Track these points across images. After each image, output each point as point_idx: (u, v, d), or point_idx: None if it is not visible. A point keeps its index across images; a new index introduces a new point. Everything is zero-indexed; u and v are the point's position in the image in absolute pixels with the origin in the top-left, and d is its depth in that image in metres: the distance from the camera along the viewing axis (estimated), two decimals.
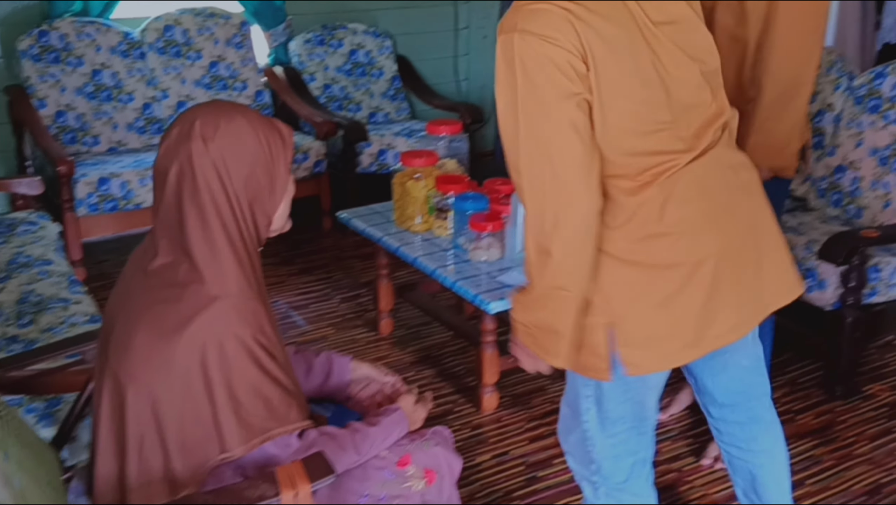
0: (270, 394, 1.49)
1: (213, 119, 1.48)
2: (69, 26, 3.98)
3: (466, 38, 5.12)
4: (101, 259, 3.89)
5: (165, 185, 1.49)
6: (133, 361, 1.47)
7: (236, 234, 1.48)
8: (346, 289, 3.74)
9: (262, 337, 1.48)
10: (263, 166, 1.50)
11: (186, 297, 1.45)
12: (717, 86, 1.65)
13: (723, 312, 1.62)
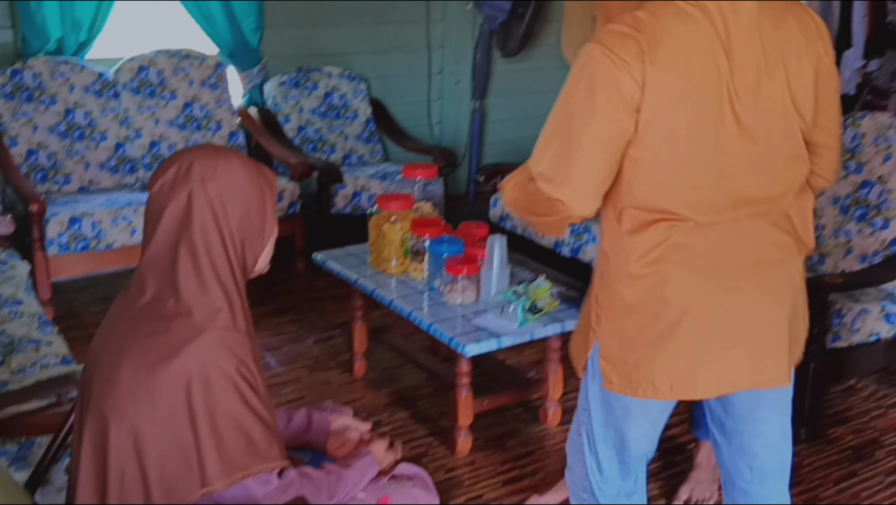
0: (252, 429, 1.50)
1: (211, 161, 1.52)
2: (43, 65, 3.98)
3: (440, 83, 5.21)
4: (71, 298, 3.85)
5: (159, 224, 1.51)
6: (118, 394, 1.47)
7: (226, 272, 1.51)
8: (320, 330, 3.74)
9: (246, 371, 1.49)
10: (256, 208, 1.55)
11: (173, 329, 1.46)
12: (782, 172, 1.67)
13: (703, 368, 1.69)
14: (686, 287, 1.66)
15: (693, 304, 1.66)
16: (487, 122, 5.36)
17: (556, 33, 5.51)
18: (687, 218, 1.62)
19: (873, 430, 3.10)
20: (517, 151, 5.44)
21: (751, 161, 1.63)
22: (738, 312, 1.68)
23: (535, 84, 5.53)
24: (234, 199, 1.51)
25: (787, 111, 1.64)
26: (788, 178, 1.69)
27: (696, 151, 1.61)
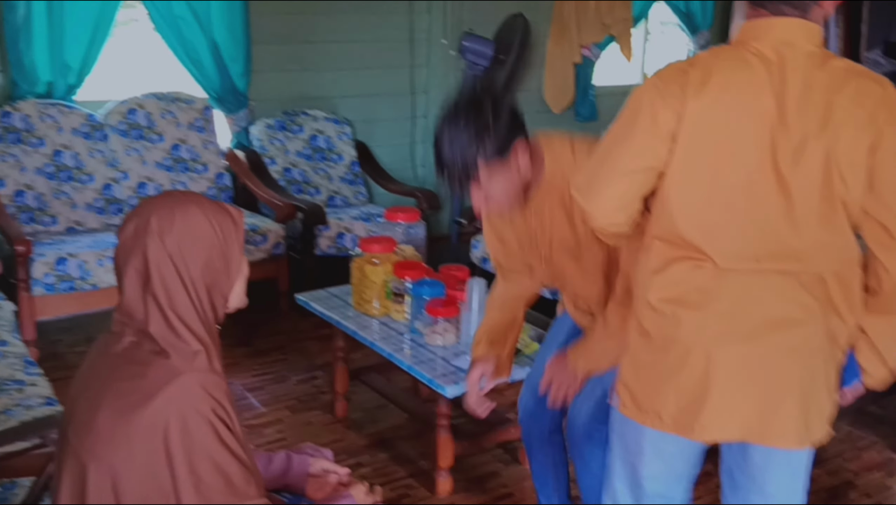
0: (230, 469, 1.53)
1: (168, 213, 1.55)
2: (32, 108, 4.04)
3: (424, 126, 5.30)
4: (55, 338, 3.87)
5: (125, 277, 1.55)
6: (95, 438, 1.50)
7: (195, 319, 1.55)
8: (302, 371, 3.77)
9: (223, 412, 1.53)
10: (219, 251, 1.57)
11: (150, 373, 1.50)
12: (816, 235, 1.61)
13: (707, 409, 1.69)
14: (699, 330, 1.67)
15: (704, 346, 1.67)
16: None
17: (537, 78, 5.65)
18: (709, 258, 1.64)
19: (847, 471, 3.14)
20: None
21: (782, 215, 1.60)
22: (748, 363, 1.66)
23: None
24: (194, 249, 1.54)
25: (830, 177, 1.58)
26: (823, 242, 1.62)
27: (726, 191, 1.62)
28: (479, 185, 1.92)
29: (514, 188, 1.98)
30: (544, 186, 2.02)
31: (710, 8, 6.19)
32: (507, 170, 1.93)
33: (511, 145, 1.91)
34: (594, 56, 5.72)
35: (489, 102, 1.91)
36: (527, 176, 1.98)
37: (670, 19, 6.46)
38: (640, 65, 6.26)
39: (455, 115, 1.91)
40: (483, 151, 1.89)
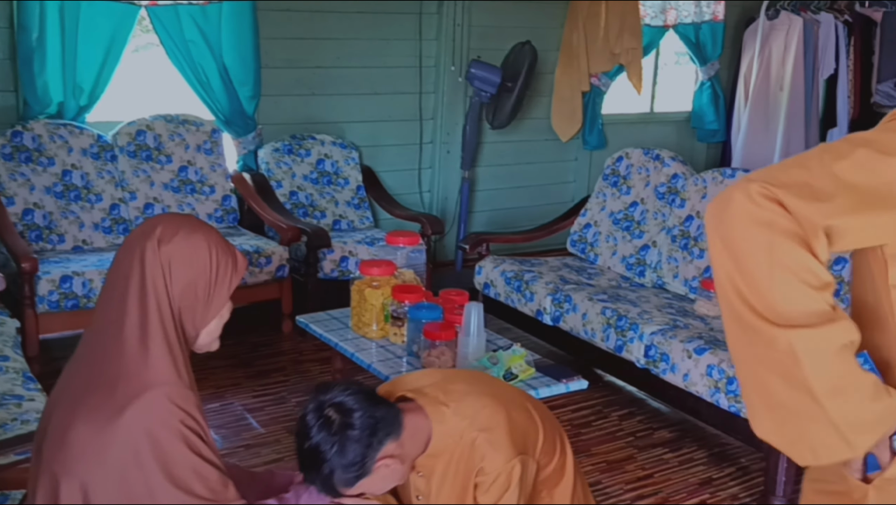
0: (208, 474, 1.57)
1: (174, 227, 1.62)
2: (43, 128, 4.10)
3: (431, 152, 5.34)
4: (58, 356, 3.89)
5: (117, 277, 1.60)
6: (67, 453, 1.52)
7: (172, 330, 1.59)
8: (302, 392, 3.77)
9: (192, 422, 1.56)
10: (206, 281, 1.63)
11: (120, 388, 1.53)
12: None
13: None
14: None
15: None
16: (476, 190, 5.48)
17: (545, 106, 5.69)
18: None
19: None
20: (504, 220, 5.58)
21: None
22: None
23: (523, 155, 5.69)
24: (182, 266, 1.59)
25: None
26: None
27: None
28: (353, 499, 1.80)
29: (394, 477, 1.82)
30: (431, 455, 1.88)
31: (719, 38, 6.23)
32: (380, 475, 1.78)
33: (376, 457, 1.75)
34: (603, 85, 5.76)
35: (348, 414, 1.73)
36: (406, 451, 1.83)
37: (681, 49, 6.51)
38: (650, 95, 6.29)
39: (314, 429, 1.73)
40: (346, 478, 1.73)
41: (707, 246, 1.42)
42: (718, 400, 3.12)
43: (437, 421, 1.87)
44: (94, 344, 1.59)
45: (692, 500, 3.10)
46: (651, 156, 4.30)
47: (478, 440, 1.86)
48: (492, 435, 1.87)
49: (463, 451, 1.87)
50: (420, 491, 1.95)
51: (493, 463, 1.85)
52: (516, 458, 1.87)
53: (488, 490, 1.86)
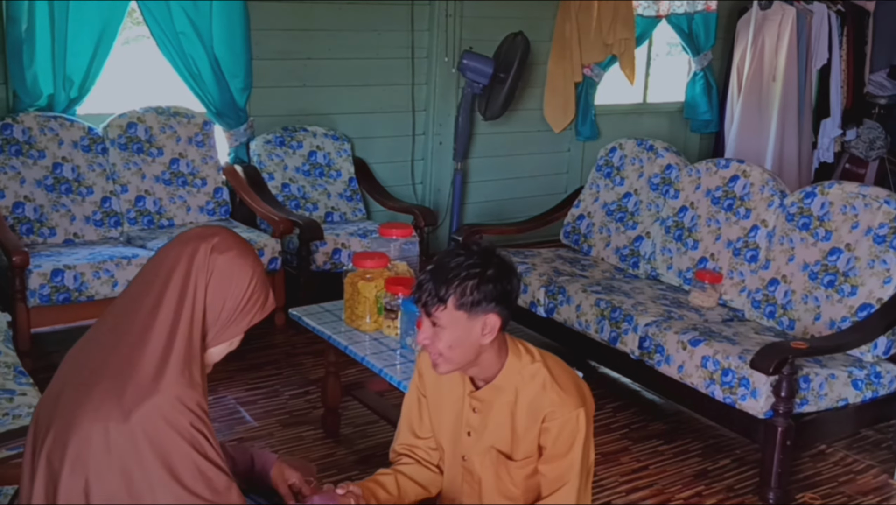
0: (213, 475, 1.56)
1: (230, 243, 1.65)
2: (33, 120, 4.07)
3: (423, 143, 5.32)
4: (50, 350, 3.86)
5: (162, 265, 1.60)
6: (71, 451, 1.50)
7: (197, 333, 1.59)
8: (296, 386, 3.76)
9: (200, 424, 1.56)
10: (233, 305, 1.64)
11: (132, 385, 1.51)
12: None
13: None
14: None
15: None
16: (469, 182, 5.46)
17: (538, 97, 5.67)
18: None
19: (841, 495, 3.12)
20: (497, 212, 5.57)
21: None
22: None
23: (515, 147, 5.67)
24: (222, 283, 1.61)
25: None
26: None
27: None
28: (436, 321, 1.85)
29: (465, 350, 1.87)
30: (495, 387, 1.94)
31: (712, 29, 6.22)
32: (469, 329, 1.84)
33: (484, 310, 1.84)
34: (596, 76, 5.74)
35: (497, 262, 1.87)
36: (483, 353, 1.90)
37: (674, 40, 6.49)
38: (643, 86, 6.28)
39: (465, 251, 1.88)
40: (459, 292, 1.82)
41: (701, 238, 1.40)
42: (713, 392, 3.12)
43: (515, 354, 1.93)
44: (118, 325, 1.58)
45: (687, 491, 3.10)
46: (645, 146, 4.29)
47: (548, 383, 1.90)
48: (563, 382, 1.91)
49: (531, 391, 1.90)
50: (473, 427, 1.97)
51: (562, 408, 1.88)
52: (582, 407, 1.90)
53: (559, 435, 1.87)
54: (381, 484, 2.03)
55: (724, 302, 3.71)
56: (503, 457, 1.94)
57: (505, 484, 1.96)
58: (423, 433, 2.09)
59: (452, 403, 2.02)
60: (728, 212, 3.81)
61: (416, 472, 2.07)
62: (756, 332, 3.41)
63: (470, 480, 2.00)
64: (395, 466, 2.10)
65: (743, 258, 3.69)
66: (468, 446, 1.99)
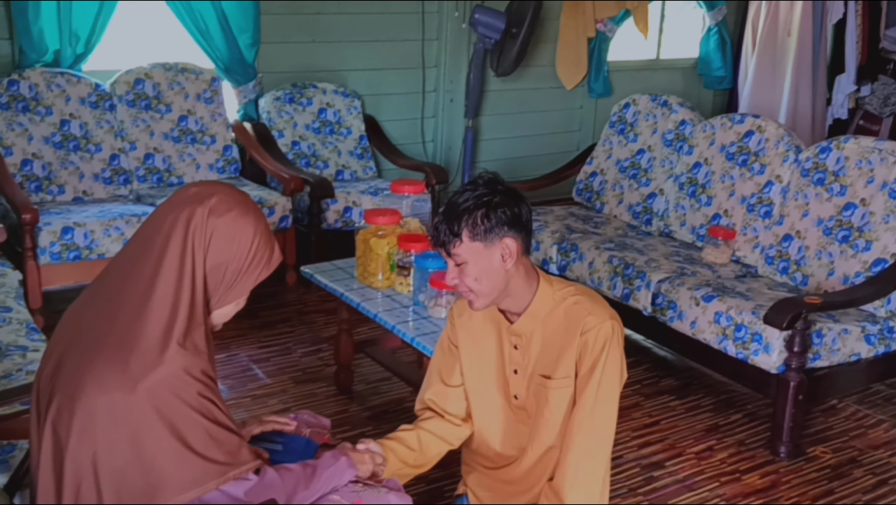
0: (223, 438, 1.56)
1: (229, 203, 1.59)
2: (39, 76, 4.03)
3: (434, 100, 5.26)
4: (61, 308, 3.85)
5: (158, 231, 1.56)
6: (78, 416, 1.49)
7: (200, 299, 1.56)
8: (308, 343, 3.77)
9: (207, 391, 1.55)
10: (237, 266, 1.59)
11: (136, 354, 1.49)
12: None
13: None
14: None
15: None
16: (480, 140, 5.41)
17: (550, 54, 5.59)
18: None
19: (852, 449, 3.12)
20: (509, 169, 5.53)
21: None
22: None
23: (528, 104, 5.61)
24: (222, 245, 1.56)
25: None
26: None
27: None
28: (456, 257, 1.87)
29: (492, 280, 1.88)
30: (532, 315, 1.94)
31: None
32: (489, 257, 1.86)
33: (498, 236, 1.85)
34: (609, 31, 5.65)
35: (502, 190, 1.88)
36: (512, 281, 1.90)
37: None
38: (657, 41, 6.18)
39: (471, 185, 1.90)
40: (471, 223, 1.84)
41: (715, 194, 1.38)
42: (726, 347, 3.11)
43: (546, 281, 1.96)
44: (117, 292, 1.55)
45: (698, 446, 3.10)
46: (658, 102, 4.23)
47: (581, 300, 1.94)
48: (595, 298, 1.97)
49: (565, 311, 1.92)
50: (517, 364, 1.99)
51: (597, 316, 1.91)
52: (615, 320, 1.93)
53: (595, 341, 1.89)
54: (401, 440, 2.04)
55: (737, 258, 3.69)
56: (545, 379, 1.95)
57: (553, 410, 1.95)
58: (452, 382, 2.10)
59: (491, 347, 2.02)
60: (742, 167, 3.77)
61: (437, 426, 2.08)
62: (769, 288, 3.39)
63: (525, 417, 2.01)
64: (417, 422, 2.11)
65: (757, 214, 3.66)
66: (518, 385, 2.00)
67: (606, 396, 1.91)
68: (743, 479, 2.91)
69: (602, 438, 1.92)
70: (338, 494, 1.74)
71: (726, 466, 2.99)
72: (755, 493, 2.83)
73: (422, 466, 2.06)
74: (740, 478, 2.91)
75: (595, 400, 1.90)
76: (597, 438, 1.91)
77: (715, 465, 2.99)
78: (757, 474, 2.94)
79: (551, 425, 1.96)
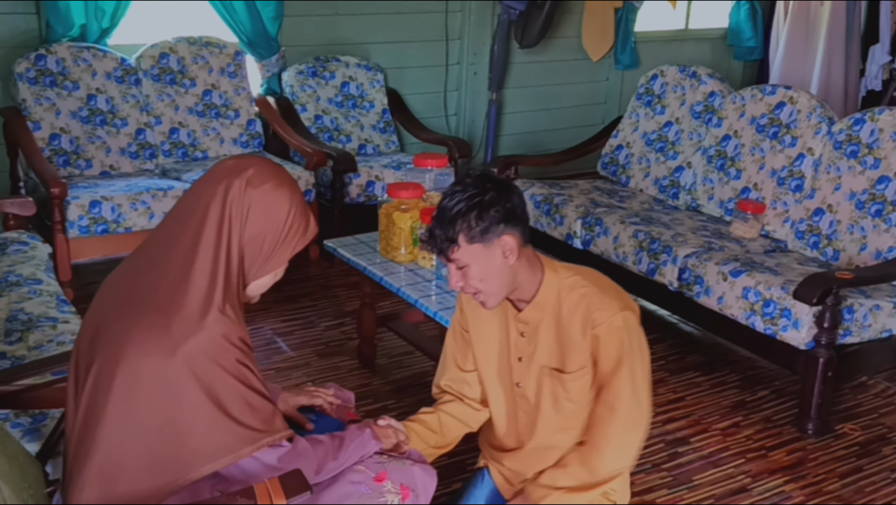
0: (259, 405, 1.58)
1: (265, 175, 1.61)
2: (66, 51, 4.05)
3: (457, 73, 5.22)
4: (90, 281, 3.91)
5: (198, 202, 1.58)
6: (118, 383, 1.51)
7: (235, 270, 1.59)
8: (331, 317, 3.78)
9: (245, 359, 1.57)
10: (274, 238, 1.62)
11: (177, 321, 1.52)
12: None
13: None
14: None
15: None
16: (504, 113, 5.37)
17: (576, 25, 5.52)
18: None
19: (882, 426, 3.08)
20: (533, 143, 5.48)
21: None
22: None
23: (552, 76, 5.55)
24: (259, 216, 1.59)
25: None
26: None
27: None
28: (457, 262, 1.84)
29: (498, 278, 1.86)
30: (538, 305, 1.93)
31: None
32: (490, 257, 1.84)
33: (496, 234, 1.82)
34: (636, 1, 5.56)
35: (491, 186, 1.84)
36: (517, 274, 1.88)
37: None
38: (686, 11, 6.07)
39: (460, 186, 1.86)
40: (465, 227, 1.80)
41: (744, 167, 1.38)
42: (754, 323, 3.07)
43: (551, 269, 1.93)
44: (158, 262, 1.57)
45: (724, 422, 3.08)
46: (687, 73, 4.17)
47: (589, 291, 1.91)
48: (604, 287, 1.93)
49: (573, 301, 1.91)
50: (522, 352, 1.99)
51: (606, 311, 1.88)
52: (627, 310, 1.91)
53: (608, 340, 1.87)
54: (423, 422, 2.06)
55: (766, 233, 3.64)
56: (556, 372, 1.94)
57: (561, 401, 1.97)
58: (467, 366, 2.10)
59: (497, 333, 2.02)
60: (773, 140, 3.70)
61: (457, 409, 2.09)
62: (799, 262, 3.34)
63: (526, 406, 2.02)
64: (437, 405, 2.12)
65: (787, 188, 3.60)
66: (521, 372, 2.00)
67: (641, 382, 1.91)
68: (769, 455, 2.89)
69: (639, 418, 1.92)
70: (363, 464, 1.75)
71: (752, 442, 2.97)
72: (782, 470, 2.81)
73: (443, 447, 2.08)
74: (766, 455, 2.89)
75: (633, 387, 1.89)
76: (634, 418, 1.91)
77: (741, 441, 2.97)
78: (784, 451, 2.91)
79: (561, 418, 1.96)
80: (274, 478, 1.55)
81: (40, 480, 1.75)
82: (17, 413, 2.11)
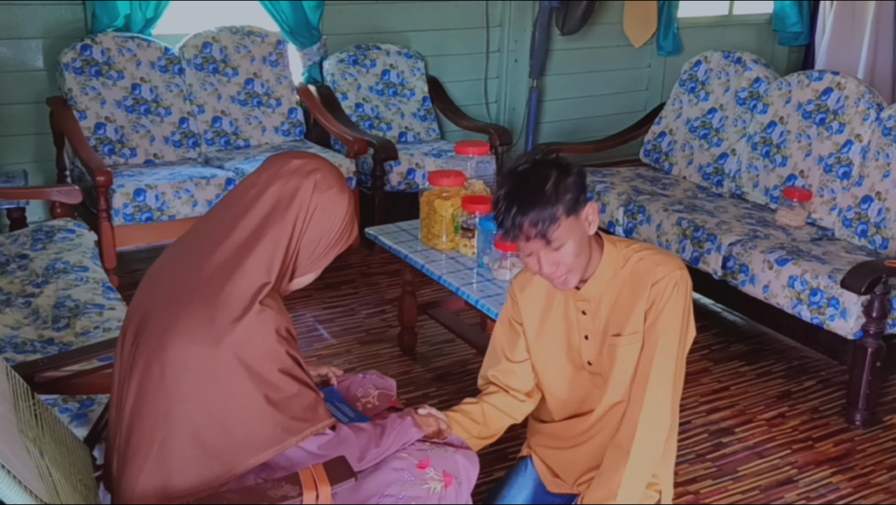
0: (304, 395, 1.60)
1: (330, 180, 1.65)
2: (111, 41, 4.10)
3: (497, 61, 5.19)
4: (135, 268, 3.98)
5: (259, 198, 1.60)
6: (168, 369, 1.53)
7: (290, 265, 1.62)
8: (372, 304, 3.80)
9: (293, 351, 1.60)
10: (327, 242, 1.65)
11: (226, 310, 1.53)
12: None
13: None
14: None
15: None
16: (544, 100, 5.33)
17: (618, 10, 5.45)
18: None
19: None
20: (573, 131, 5.44)
21: None
22: None
23: (594, 63, 5.49)
24: (321, 221, 1.62)
25: None
26: None
27: None
28: (556, 241, 1.79)
29: (583, 251, 1.83)
30: (599, 277, 1.90)
31: None
32: (580, 228, 1.81)
33: (581, 203, 1.81)
34: None
35: (553, 160, 1.83)
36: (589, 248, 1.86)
37: None
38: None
39: (526, 164, 1.82)
40: (563, 201, 1.76)
41: (790, 154, 1.37)
42: (801, 312, 3.02)
43: (610, 242, 1.93)
44: (209, 252, 1.58)
45: (769, 412, 3.04)
46: (731, 59, 4.09)
47: (646, 254, 1.91)
48: (660, 251, 1.95)
49: (632, 269, 1.90)
50: (587, 330, 1.97)
51: (667, 266, 1.88)
52: (684, 269, 1.90)
53: (665, 288, 1.86)
54: (466, 413, 2.05)
55: (812, 221, 3.57)
56: (615, 338, 1.92)
57: (626, 371, 1.93)
58: (516, 357, 2.07)
59: (558, 318, 2.00)
60: (820, 126, 3.63)
61: (501, 400, 2.08)
62: (847, 251, 3.27)
63: (601, 382, 1.99)
64: (481, 396, 2.11)
65: (834, 175, 3.53)
66: (589, 350, 1.98)
67: (669, 341, 1.86)
68: (816, 446, 2.84)
69: (665, 387, 1.87)
70: (406, 451, 1.76)
71: (798, 433, 2.92)
72: (828, 461, 2.76)
73: (486, 438, 2.07)
74: (813, 446, 2.84)
75: (658, 347, 1.86)
76: (659, 390, 1.86)
77: (787, 432, 2.93)
78: (831, 442, 2.86)
79: (620, 383, 1.94)
80: (319, 465, 1.56)
81: (88, 465, 1.79)
82: (65, 398, 2.15)
